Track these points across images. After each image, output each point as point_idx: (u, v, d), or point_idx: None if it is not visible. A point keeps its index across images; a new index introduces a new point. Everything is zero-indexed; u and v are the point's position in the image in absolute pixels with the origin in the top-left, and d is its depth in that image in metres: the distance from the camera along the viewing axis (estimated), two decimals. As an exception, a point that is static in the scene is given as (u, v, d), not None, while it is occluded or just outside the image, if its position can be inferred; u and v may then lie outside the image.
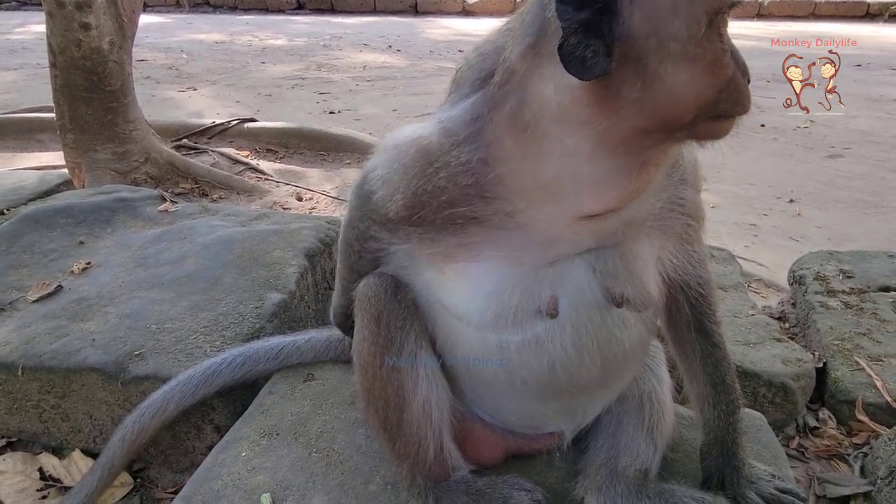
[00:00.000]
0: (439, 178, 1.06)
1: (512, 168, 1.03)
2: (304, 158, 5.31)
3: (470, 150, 1.04)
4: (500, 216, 1.06)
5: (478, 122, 1.04)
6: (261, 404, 1.63)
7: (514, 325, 1.12)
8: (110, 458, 1.60)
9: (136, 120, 4.29)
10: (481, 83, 1.05)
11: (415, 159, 1.09)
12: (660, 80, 0.87)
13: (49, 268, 2.25)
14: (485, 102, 1.03)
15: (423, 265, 1.20)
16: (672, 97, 0.89)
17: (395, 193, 1.12)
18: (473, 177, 1.04)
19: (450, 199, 1.06)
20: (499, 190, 1.04)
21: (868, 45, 10.56)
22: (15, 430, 1.87)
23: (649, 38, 0.86)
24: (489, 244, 1.10)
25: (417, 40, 11.77)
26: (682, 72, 0.87)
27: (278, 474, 1.39)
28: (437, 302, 1.20)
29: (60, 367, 1.76)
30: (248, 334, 1.86)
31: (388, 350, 1.19)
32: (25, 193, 2.85)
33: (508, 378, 1.19)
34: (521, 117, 0.99)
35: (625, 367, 1.27)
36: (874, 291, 2.39)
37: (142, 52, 9.66)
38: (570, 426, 1.34)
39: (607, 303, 1.13)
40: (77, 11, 3.77)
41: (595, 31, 0.85)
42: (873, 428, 1.84)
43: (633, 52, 0.86)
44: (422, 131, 1.12)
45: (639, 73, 0.87)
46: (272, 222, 2.58)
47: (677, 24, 0.85)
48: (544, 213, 1.05)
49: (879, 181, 5.05)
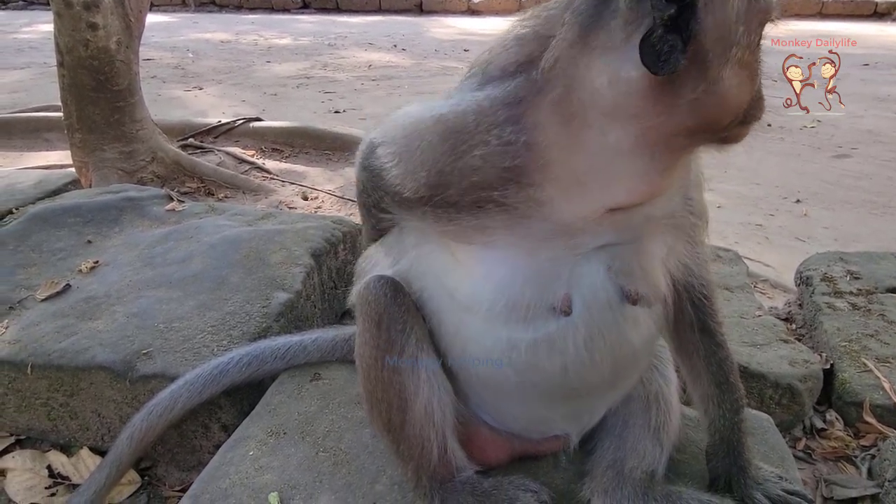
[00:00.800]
0: (472, 157, 1.04)
1: (552, 155, 1.02)
2: (310, 158, 5.32)
3: (514, 131, 1.02)
4: (528, 203, 1.05)
5: (521, 106, 1.02)
6: (268, 403, 1.64)
7: (526, 321, 1.11)
8: (118, 455, 1.61)
9: (142, 119, 4.31)
10: (519, 67, 1.04)
11: (444, 137, 1.07)
12: (718, 83, 0.91)
13: (57, 266, 2.27)
14: (529, 86, 1.02)
15: (433, 248, 1.19)
16: (723, 101, 0.94)
17: (416, 171, 1.09)
18: (515, 159, 1.02)
19: (482, 180, 1.04)
20: (536, 176, 1.03)
21: (875, 44, 10.50)
22: (24, 427, 1.88)
23: (717, 42, 0.90)
24: (508, 230, 1.08)
25: (422, 39, 11.77)
26: (735, 77, 0.92)
27: (286, 473, 1.40)
28: (444, 292, 1.19)
29: (69, 365, 1.77)
30: (254, 334, 1.87)
31: (388, 353, 1.19)
32: (33, 193, 2.86)
33: (518, 381, 1.18)
34: (567, 106, 0.99)
35: (633, 366, 1.27)
36: (882, 293, 2.38)
37: (148, 51, 9.68)
38: (576, 429, 1.34)
39: (620, 301, 1.13)
40: (85, 11, 3.79)
41: (675, 28, 0.88)
42: (881, 430, 1.83)
43: (701, 53, 0.90)
44: (443, 108, 1.10)
45: (700, 74, 0.91)
46: (278, 222, 2.59)
47: (741, 31, 0.90)
48: (572, 203, 1.05)
49: (887, 181, 5.03)
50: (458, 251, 1.14)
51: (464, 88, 1.13)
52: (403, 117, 1.17)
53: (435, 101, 1.15)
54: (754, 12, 0.90)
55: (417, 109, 1.15)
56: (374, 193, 1.20)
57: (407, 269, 1.24)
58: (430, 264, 1.20)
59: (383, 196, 1.18)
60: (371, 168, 1.17)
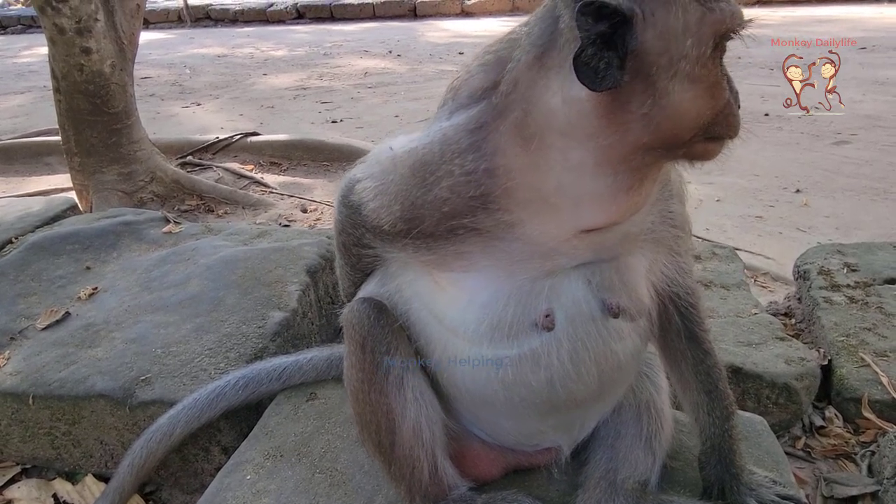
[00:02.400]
0: (441, 189, 1.06)
1: (516, 179, 1.03)
2: (308, 170, 5.35)
3: (475, 159, 1.04)
4: (500, 227, 1.07)
5: (482, 131, 1.04)
6: (265, 425, 1.65)
7: (510, 338, 1.12)
8: (121, 483, 1.63)
9: (140, 140, 4.35)
10: (484, 93, 1.06)
11: (413, 169, 1.09)
12: (666, 97, 0.91)
13: (57, 294, 2.30)
14: (490, 111, 1.03)
15: (417, 275, 1.20)
16: (675, 115, 0.93)
17: (391, 205, 1.11)
18: (479, 187, 1.04)
19: (452, 210, 1.06)
20: (502, 201, 1.04)
21: (872, 26, 10.43)
22: (29, 457, 1.91)
23: (660, 56, 0.89)
24: (485, 255, 1.10)
25: (417, 44, 11.79)
26: (686, 91, 0.91)
27: (282, 496, 1.41)
28: (431, 315, 1.20)
29: (69, 394, 1.79)
30: (251, 355, 1.89)
31: (374, 375, 1.20)
32: (32, 220, 2.90)
33: (506, 396, 1.19)
34: (526, 127, 0.99)
35: (620, 378, 1.27)
36: (879, 284, 2.37)
37: (145, 69, 9.78)
38: (567, 441, 1.34)
39: (603, 315, 1.14)
40: (78, 37, 3.83)
41: (610, 44, 0.88)
42: (880, 425, 1.82)
43: (644, 67, 0.90)
44: (417, 142, 1.12)
45: (647, 89, 0.91)
46: (273, 240, 2.61)
47: (687, 43, 0.89)
48: (545, 225, 1.06)
49: (887, 167, 4.98)
50: (439, 278, 1.16)
51: (437, 118, 1.14)
52: (381, 152, 1.18)
53: (414, 133, 1.16)
54: (706, 24, 0.89)
55: (397, 143, 1.17)
56: (355, 231, 1.22)
57: (392, 293, 1.25)
58: (414, 290, 1.22)
59: (364, 232, 1.20)
60: (351, 204, 1.19)
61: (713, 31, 0.90)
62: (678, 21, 0.88)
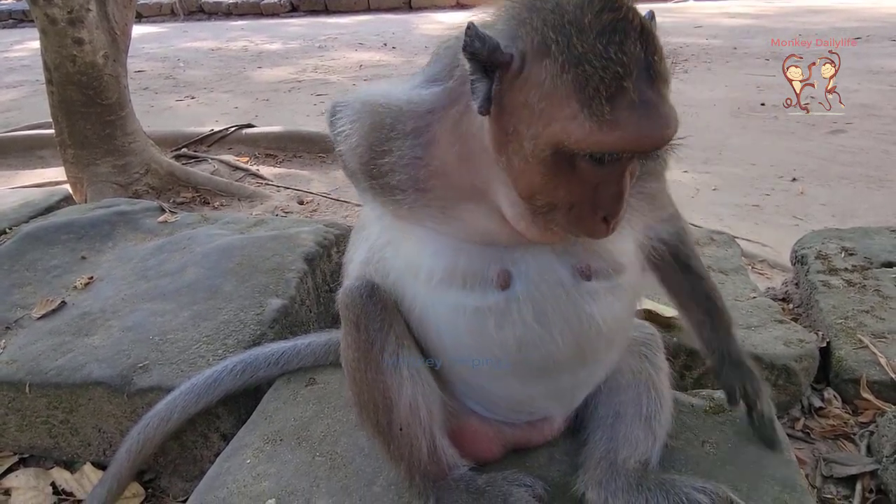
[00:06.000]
0: (384, 161, 1.10)
1: (446, 173, 1.07)
2: (303, 161, 5.33)
3: (412, 146, 1.07)
4: (438, 210, 1.10)
5: (428, 117, 1.07)
6: (264, 410, 1.64)
7: (465, 289, 1.13)
8: (119, 470, 1.62)
9: (134, 132, 4.32)
10: (441, 78, 1.08)
11: (372, 128, 1.12)
12: (513, 153, 0.93)
13: (52, 284, 2.28)
14: (441, 98, 1.06)
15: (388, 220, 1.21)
16: (515, 176, 0.95)
17: (353, 150, 1.14)
18: (414, 170, 1.08)
19: (395, 181, 1.10)
20: (436, 189, 1.08)
21: (867, 16, 10.44)
22: (26, 446, 1.89)
23: (511, 114, 0.92)
24: (430, 220, 1.12)
25: (412, 37, 11.74)
26: (523, 164, 0.93)
27: (282, 480, 1.40)
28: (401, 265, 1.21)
29: (66, 382, 1.78)
30: (249, 341, 1.88)
31: (369, 353, 1.20)
32: (26, 211, 2.88)
33: (479, 352, 1.18)
34: (460, 125, 1.02)
35: (603, 342, 1.22)
36: (877, 268, 2.37)
37: (139, 62, 9.70)
38: (559, 410, 1.35)
39: (574, 278, 1.13)
40: (70, 27, 3.79)
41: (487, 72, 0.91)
42: (879, 405, 1.83)
43: (502, 112, 0.92)
44: (384, 98, 1.13)
45: (507, 134, 0.93)
46: (271, 228, 2.59)
47: (529, 131, 0.90)
48: (477, 218, 1.09)
49: (882, 155, 5.00)
50: (402, 224, 1.18)
51: (412, 78, 1.15)
52: (362, 95, 1.19)
53: (394, 83, 1.18)
54: (539, 128, 0.89)
55: (375, 91, 1.18)
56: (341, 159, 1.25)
57: (374, 251, 1.25)
58: (387, 238, 1.23)
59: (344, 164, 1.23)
60: (333, 130, 1.22)
61: (547, 140, 0.89)
62: (524, 111, 0.90)
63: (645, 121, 0.86)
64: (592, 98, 0.84)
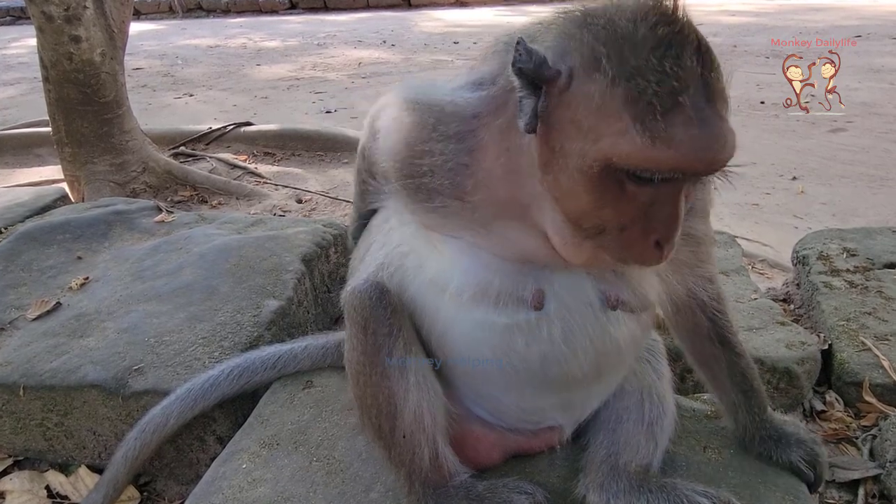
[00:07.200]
0: (423, 162, 1.05)
1: (490, 185, 1.02)
2: (302, 160, 5.30)
3: (455, 150, 1.02)
4: (478, 221, 1.06)
5: (473, 122, 1.01)
6: (260, 414, 1.63)
7: (497, 307, 1.10)
8: (114, 474, 1.61)
9: (131, 130, 4.29)
10: (487, 83, 1.03)
11: (413, 127, 1.07)
12: (560, 172, 0.89)
13: (48, 285, 2.26)
14: (487, 103, 1.01)
15: (412, 230, 1.18)
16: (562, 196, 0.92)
17: (392, 147, 1.10)
18: (455, 177, 1.03)
19: (434, 185, 1.05)
20: (477, 200, 1.03)
21: (868, 14, 10.42)
22: (21, 449, 1.88)
23: (560, 132, 0.88)
24: (468, 231, 1.09)
25: (411, 34, 11.70)
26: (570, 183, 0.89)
27: (279, 485, 1.38)
28: (422, 275, 1.17)
29: (61, 385, 1.76)
30: (246, 343, 1.86)
31: (376, 358, 1.17)
32: (22, 211, 2.85)
33: (500, 367, 1.16)
34: (507, 137, 0.97)
35: (620, 361, 1.26)
36: (879, 269, 2.35)
37: (137, 60, 9.66)
38: (568, 420, 1.33)
39: (602, 305, 1.12)
40: (66, 24, 3.76)
41: (535, 89, 0.88)
42: (881, 409, 1.81)
43: (550, 131, 0.88)
44: (429, 96, 1.08)
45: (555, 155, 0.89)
46: (268, 228, 2.57)
47: (577, 148, 0.86)
48: (520, 236, 1.05)
49: (883, 154, 4.98)
50: (431, 234, 1.14)
51: (457, 77, 1.11)
52: (407, 86, 1.15)
53: (443, 80, 1.14)
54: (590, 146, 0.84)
55: (421, 85, 1.15)
56: (372, 156, 1.20)
57: (392, 259, 1.22)
58: (410, 248, 1.19)
59: (374, 163, 1.19)
60: (374, 130, 1.18)
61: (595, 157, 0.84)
62: (574, 127, 0.86)
63: (701, 139, 0.81)
64: (645, 113, 0.80)
